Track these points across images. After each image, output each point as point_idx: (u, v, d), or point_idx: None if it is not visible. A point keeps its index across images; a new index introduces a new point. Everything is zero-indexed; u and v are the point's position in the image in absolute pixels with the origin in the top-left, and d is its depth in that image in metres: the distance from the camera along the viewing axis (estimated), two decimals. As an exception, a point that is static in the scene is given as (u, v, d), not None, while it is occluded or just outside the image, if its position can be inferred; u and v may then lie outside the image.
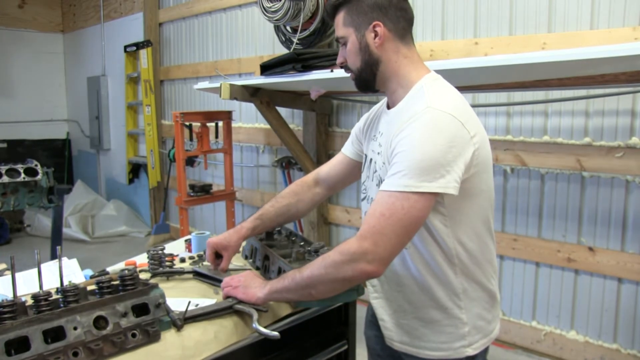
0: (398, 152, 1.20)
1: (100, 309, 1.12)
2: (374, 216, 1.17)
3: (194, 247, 1.98)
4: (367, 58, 1.32)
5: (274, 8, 3.47)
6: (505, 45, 2.92)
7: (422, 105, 1.23)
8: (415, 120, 1.20)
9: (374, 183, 1.41)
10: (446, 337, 1.34)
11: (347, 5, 1.33)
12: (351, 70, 1.37)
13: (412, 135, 1.19)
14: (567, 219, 2.87)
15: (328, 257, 1.20)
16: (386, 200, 1.16)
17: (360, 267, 1.15)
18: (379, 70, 1.33)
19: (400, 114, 1.30)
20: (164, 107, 5.80)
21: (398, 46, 1.33)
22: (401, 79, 1.33)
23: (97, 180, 7.19)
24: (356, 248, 1.15)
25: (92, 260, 4.72)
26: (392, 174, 1.18)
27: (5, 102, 7.01)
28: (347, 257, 1.16)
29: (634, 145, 2.59)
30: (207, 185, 4.32)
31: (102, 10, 6.63)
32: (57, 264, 1.30)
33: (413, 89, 1.31)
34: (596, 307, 2.82)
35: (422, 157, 1.15)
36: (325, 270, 1.19)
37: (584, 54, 1.96)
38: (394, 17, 1.32)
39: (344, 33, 1.34)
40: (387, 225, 1.15)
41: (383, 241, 1.15)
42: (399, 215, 1.14)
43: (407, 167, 1.16)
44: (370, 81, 1.36)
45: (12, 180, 3.69)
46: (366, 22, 1.31)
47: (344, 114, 3.93)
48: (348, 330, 1.67)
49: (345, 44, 1.35)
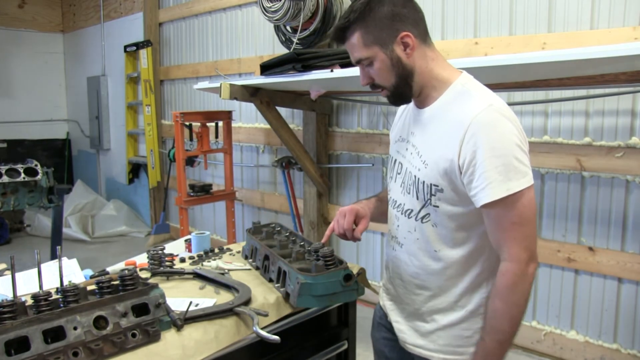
0: (484, 158, 1.16)
1: (100, 309, 1.12)
2: (507, 230, 1.19)
3: (194, 247, 1.98)
4: (401, 72, 1.26)
5: (274, 8, 3.47)
6: (505, 45, 2.92)
7: (480, 104, 1.20)
8: (483, 121, 1.18)
9: (396, 184, 1.39)
10: (463, 340, 1.32)
11: (361, 23, 1.24)
12: (383, 87, 1.30)
13: (494, 138, 1.17)
14: (567, 219, 2.87)
15: (507, 298, 1.20)
16: (506, 210, 1.18)
17: (531, 271, 1.21)
18: (414, 80, 1.28)
19: (444, 113, 1.26)
20: (164, 107, 5.80)
21: (424, 50, 1.28)
22: (435, 82, 1.29)
23: (97, 180, 7.19)
24: (520, 269, 1.19)
25: (92, 260, 4.73)
26: (491, 183, 1.16)
27: (5, 102, 7.01)
28: (518, 281, 1.20)
29: (634, 145, 2.59)
30: (207, 185, 4.32)
31: (102, 10, 6.63)
32: (57, 264, 1.30)
33: (452, 89, 1.28)
34: (596, 307, 2.82)
35: (514, 155, 1.17)
36: (517, 305, 1.22)
37: (584, 54, 1.96)
38: (414, 21, 1.26)
39: (368, 54, 1.26)
40: (523, 230, 1.19)
41: (531, 244, 1.20)
42: (525, 216, 1.18)
43: (504, 171, 1.16)
44: (406, 93, 1.31)
45: (12, 180, 3.70)
46: (391, 35, 1.23)
47: (344, 114, 3.93)
48: (348, 330, 1.67)
49: (370, 63, 1.27)
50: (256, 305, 1.37)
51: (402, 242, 1.38)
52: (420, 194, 1.29)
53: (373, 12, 1.23)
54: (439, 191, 1.25)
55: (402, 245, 1.37)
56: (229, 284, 1.49)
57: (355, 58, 1.29)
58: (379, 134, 3.67)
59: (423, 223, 1.30)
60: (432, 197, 1.27)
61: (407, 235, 1.35)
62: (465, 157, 1.18)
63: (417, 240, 1.33)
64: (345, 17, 1.27)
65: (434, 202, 1.27)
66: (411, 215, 1.33)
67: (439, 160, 1.24)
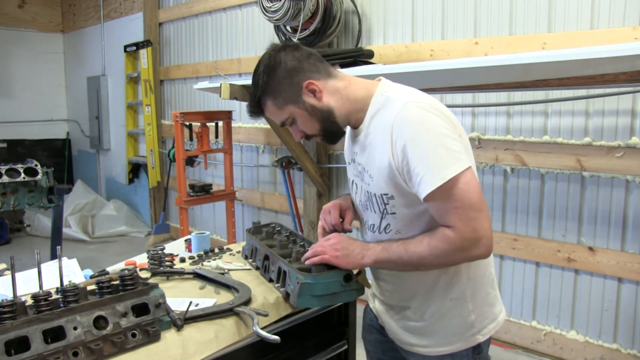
0: (412, 153, 1.19)
1: (100, 309, 1.12)
2: (450, 213, 1.19)
3: (194, 247, 1.98)
4: (321, 116, 1.32)
5: (274, 8, 3.47)
6: (505, 45, 2.92)
7: (398, 104, 1.23)
8: (403, 119, 1.21)
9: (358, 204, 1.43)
10: (455, 328, 1.35)
11: (266, 93, 1.32)
12: (314, 135, 1.37)
13: (415, 132, 1.19)
14: (567, 219, 2.87)
15: (435, 247, 1.21)
16: (446, 197, 1.18)
17: (474, 254, 1.21)
18: (336, 116, 1.33)
19: (374, 125, 1.30)
20: (164, 107, 5.80)
21: (333, 85, 1.33)
22: (356, 104, 1.34)
23: (97, 180, 7.19)
24: (460, 241, 1.19)
25: (92, 260, 4.73)
26: (424, 176, 1.18)
27: (5, 102, 7.01)
28: (455, 248, 1.20)
29: (634, 145, 2.59)
30: (207, 185, 4.32)
31: (102, 10, 6.63)
32: (57, 264, 1.30)
33: (373, 102, 1.31)
34: (596, 307, 2.82)
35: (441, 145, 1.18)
36: (437, 258, 1.23)
37: (584, 54, 1.96)
38: (310, 66, 1.32)
39: (286, 115, 1.34)
40: (467, 212, 1.18)
41: (478, 225, 1.18)
42: (467, 199, 1.18)
43: (433, 161, 1.18)
44: (336, 131, 1.37)
45: (12, 180, 3.69)
46: (296, 90, 1.30)
47: (344, 114, 3.93)
48: (348, 330, 1.67)
49: (293, 121, 1.35)
50: (256, 305, 1.37)
51: None
52: (376, 207, 1.33)
53: (271, 80, 1.30)
54: (390, 199, 1.29)
55: None
56: (229, 284, 1.49)
57: (279, 122, 1.37)
58: (379, 134, 3.66)
59: (387, 233, 1.34)
60: (386, 205, 1.30)
61: None
62: (398, 158, 1.22)
63: None
64: (252, 95, 1.35)
65: (389, 210, 1.30)
66: (374, 229, 1.37)
67: (380, 170, 1.27)
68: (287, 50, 1.32)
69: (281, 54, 1.31)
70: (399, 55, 3.41)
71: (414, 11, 3.37)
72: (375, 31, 3.61)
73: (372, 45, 3.57)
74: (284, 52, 1.31)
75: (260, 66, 1.32)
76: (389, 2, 3.49)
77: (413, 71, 2.48)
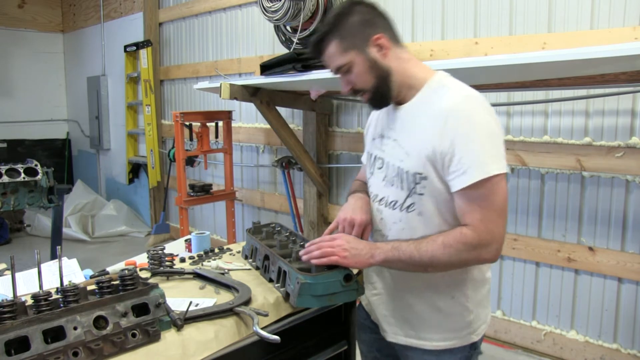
0: (462, 144, 1.22)
1: (100, 308, 1.12)
2: (475, 211, 1.23)
3: (194, 247, 1.98)
4: (379, 73, 1.32)
5: (274, 8, 3.47)
6: (505, 45, 2.92)
7: (457, 94, 1.27)
8: (462, 110, 1.24)
9: (377, 179, 1.43)
10: (453, 324, 1.37)
11: (335, 33, 1.32)
12: (364, 90, 1.36)
13: (471, 125, 1.23)
14: (567, 219, 2.87)
15: (449, 246, 1.24)
16: (476, 195, 1.22)
17: (483, 256, 1.25)
18: (392, 80, 1.34)
19: (423, 105, 1.31)
20: (164, 107, 5.80)
21: (397, 52, 1.35)
22: (411, 80, 1.35)
23: (97, 180, 7.19)
24: (476, 241, 1.23)
25: (92, 260, 4.73)
26: (469, 168, 1.21)
27: (5, 102, 7.01)
28: (469, 248, 1.23)
29: (634, 145, 2.59)
30: (207, 185, 4.32)
31: (102, 10, 6.63)
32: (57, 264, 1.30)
33: (428, 85, 1.33)
34: (596, 307, 2.82)
35: (490, 143, 1.22)
36: (449, 258, 1.25)
37: (584, 54, 1.96)
38: (384, 25, 1.34)
39: (346, 60, 1.32)
40: (490, 215, 1.22)
41: (496, 230, 1.23)
42: (495, 203, 1.22)
43: (481, 156, 1.21)
44: (386, 94, 1.36)
45: (12, 180, 3.70)
46: (365, 39, 1.31)
47: (344, 114, 3.93)
48: (348, 330, 1.67)
49: (349, 70, 1.33)
50: (256, 305, 1.37)
51: (387, 233, 1.41)
52: (404, 184, 1.33)
53: (344, 22, 1.31)
54: (423, 179, 1.29)
55: (387, 237, 1.41)
56: (229, 284, 1.49)
57: (335, 66, 1.36)
58: (379, 134, 3.66)
59: (408, 212, 1.34)
60: (416, 185, 1.31)
61: (392, 226, 1.39)
62: (445, 145, 1.24)
63: (402, 230, 1.36)
64: (319, 31, 1.35)
65: (418, 190, 1.31)
66: (396, 206, 1.37)
67: (421, 150, 1.29)
68: (364, 4, 1.35)
69: (357, 6, 1.33)
70: (399, 55, 3.40)
71: (414, 11, 3.37)
72: (375, 31, 3.60)
73: (372, 45, 3.56)
74: (360, 5, 1.34)
75: (335, 10, 1.35)
76: (388, 2, 3.49)
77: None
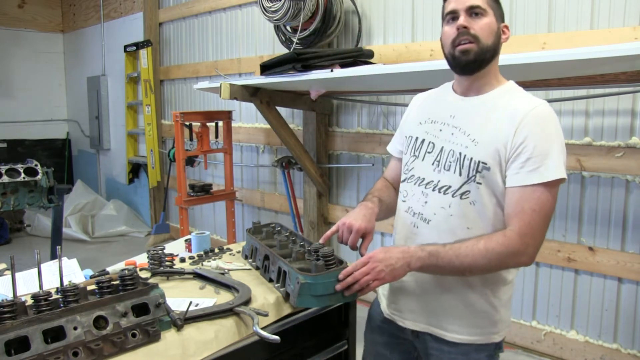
0: (533, 145, 1.27)
1: (100, 308, 1.12)
2: (526, 212, 1.26)
3: (194, 247, 1.98)
4: (495, 43, 1.39)
5: (274, 8, 3.47)
6: (505, 45, 2.90)
7: (535, 101, 1.34)
8: (541, 114, 1.31)
9: (425, 163, 1.43)
10: (479, 321, 1.38)
11: None
12: (477, 40, 1.36)
13: (546, 129, 1.30)
14: (567, 219, 2.87)
15: (492, 250, 1.26)
16: (533, 196, 1.26)
17: (522, 261, 1.29)
18: (494, 59, 1.41)
19: (498, 101, 1.37)
20: (164, 107, 5.80)
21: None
22: (497, 75, 1.43)
23: (97, 180, 7.19)
24: (520, 245, 1.26)
25: (92, 260, 4.72)
26: (540, 167, 1.26)
27: (5, 102, 7.01)
28: (512, 252, 1.26)
29: (634, 145, 2.59)
30: (207, 185, 4.32)
31: (102, 10, 6.64)
32: (57, 264, 1.30)
33: (504, 86, 1.42)
34: (596, 307, 2.82)
35: (559, 149, 1.29)
36: (489, 262, 1.27)
37: (584, 54, 1.96)
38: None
39: (485, 7, 1.36)
40: (539, 220, 1.27)
41: (540, 236, 1.28)
42: (546, 209, 1.27)
43: (551, 158, 1.27)
44: (485, 61, 1.38)
45: (12, 180, 3.69)
46: (501, 17, 1.42)
47: (344, 114, 3.93)
48: (348, 330, 1.67)
49: (481, 15, 1.36)
50: (256, 305, 1.37)
51: (430, 218, 1.40)
52: (464, 170, 1.35)
53: None
54: (485, 169, 1.32)
55: (430, 221, 1.40)
56: (229, 284, 1.49)
57: (471, 3, 1.35)
58: (379, 134, 3.67)
59: (462, 199, 1.35)
60: (477, 173, 1.33)
61: (438, 211, 1.38)
62: (516, 142, 1.29)
63: (450, 216, 1.36)
64: None
65: (477, 179, 1.33)
66: (448, 191, 1.37)
67: (491, 141, 1.32)
68: None
69: None
70: (399, 55, 3.41)
71: (414, 11, 3.37)
72: (375, 31, 3.61)
73: (372, 45, 3.57)
74: None
75: None
76: (389, 2, 3.49)
77: (413, 71, 2.48)
